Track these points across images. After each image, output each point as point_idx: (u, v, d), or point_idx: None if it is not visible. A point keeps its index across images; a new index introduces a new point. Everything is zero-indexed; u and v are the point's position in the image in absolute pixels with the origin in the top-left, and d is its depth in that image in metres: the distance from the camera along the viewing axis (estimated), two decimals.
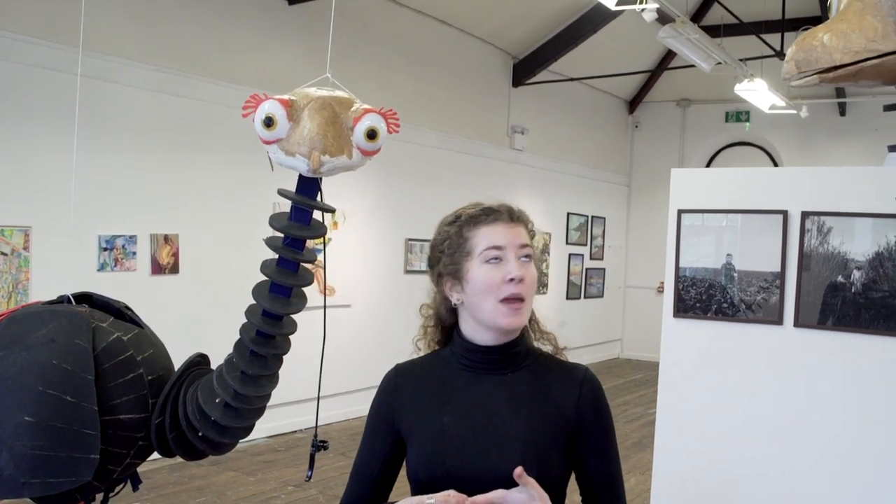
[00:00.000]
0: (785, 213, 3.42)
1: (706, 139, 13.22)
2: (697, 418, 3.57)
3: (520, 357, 1.73)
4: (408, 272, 8.68)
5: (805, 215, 3.37)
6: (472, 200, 1.77)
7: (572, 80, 11.21)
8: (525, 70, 10.65)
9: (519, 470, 1.48)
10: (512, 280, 1.62)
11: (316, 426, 2.30)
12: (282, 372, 2.90)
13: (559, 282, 11.94)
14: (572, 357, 1.80)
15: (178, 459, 2.50)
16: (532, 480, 1.51)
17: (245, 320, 2.17)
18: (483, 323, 1.68)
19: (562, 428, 1.68)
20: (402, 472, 1.79)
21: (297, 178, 2.02)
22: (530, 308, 1.71)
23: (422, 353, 1.83)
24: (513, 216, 1.69)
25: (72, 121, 3.93)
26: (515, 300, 1.64)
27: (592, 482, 1.73)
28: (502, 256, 1.64)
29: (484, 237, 1.65)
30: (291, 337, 2.19)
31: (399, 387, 1.76)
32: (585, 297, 12.67)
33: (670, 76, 12.89)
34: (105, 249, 5.81)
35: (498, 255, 1.64)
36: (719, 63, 8.44)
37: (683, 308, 3.66)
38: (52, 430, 2.13)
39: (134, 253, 6.02)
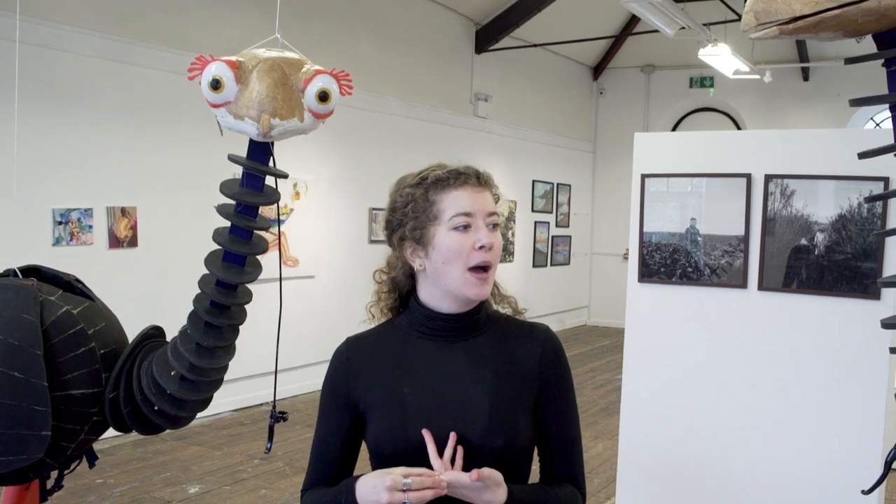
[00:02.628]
0: (748, 177, 3.41)
1: (671, 105, 13.25)
2: (662, 382, 3.58)
3: (480, 322, 1.69)
4: (372, 242, 8.61)
5: (768, 178, 3.36)
6: (433, 161, 1.71)
7: (536, 46, 11.14)
8: (488, 36, 10.55)
9: (475, 475, 1.47)
10: (482, 248, 1.58)
11: (274, 398, 2.25)
12: (247, 344, 2.84)
13: (525, 249, 11.94)
14: None
15: (141, 435, 2.44)
16: (491, 474, 1.51)
17: (199, 290, 2.11)
18: (447, 291, 1.63)
19: (526, 389, 1.65)
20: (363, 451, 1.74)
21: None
22: (494, 277, 1.66)
23: (375, 320, 1.77)
24: (480, 180, 1.64)
25: (19, 91, 3.80)
26: (482, 270, 1.60)
27: (552, 444, 1.70)
28: (471, 223, 1.59)
29: (452, 202, 1.60)
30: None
31: (352, 360, 1.70)
32: (552, 264, 12.69)
33: (634, 42, 12.87)
34: (59, 223, 5.68)
35: (467, 221, 1.59)
36: (683, 28, 8.42)
37: (648, 273, 3.65)
38: (0, 407, 2.06)
39: (90, 226, 5.89)
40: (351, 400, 1.67)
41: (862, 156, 1.58)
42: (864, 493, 2.06)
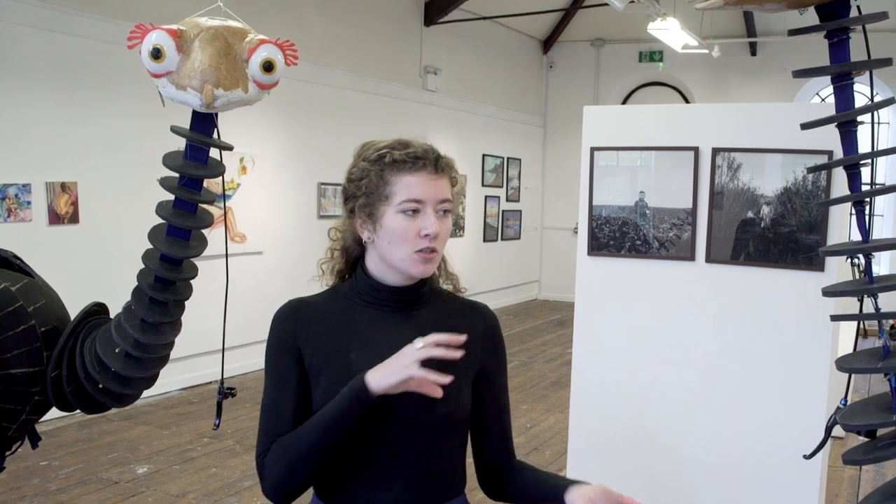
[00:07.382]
0: (696, 150, 3.43)
1: (620, 79, 13.31)
2: (612, 354, 3.61)
3: (424, 296, 1.72)
4: (321, 217, 8.54)
5: (716, 151, 3.39)
6: (397, 137, 1.67)
7: (485, 18, 11.09)
8: (437, 8, 10.46)
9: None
10: (427, 235, 1.59)
11: (222, 373, 2.21)
12: (195, 322, 2.79)
13: (476, 224, 11.94)
14: (491, 299, 1.78)
15: (87, 415, 2.38)
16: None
17: (143, 266, 2.06)
18: (392, 266, 1.64)
19: (469, 362, 1.66)
20: None
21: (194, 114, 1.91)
22: (441, 257, 1.70)
23: (324, 277, 1.78)
24: (438, 167, 1.63)
25: None
26: (428, 251, 1.61)
27: (487, 418, 1.75)
28: (420, 209, 1.60)
29: (405, 187, 1.59)
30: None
31: (299, 320, 1.66)
32: (502, 239, 12.72)
33: (584, 15, 12.88)
34: None
35: (416, 207, 1.59)
36: (632, 1, 8.43)
37: (597, 246, 3.67)
38: None
39: (29, 202, 5.73)
40: (300, 354, 1.64)
41: (804, 127, 1.59)
42: (806, 457, 2.11)
